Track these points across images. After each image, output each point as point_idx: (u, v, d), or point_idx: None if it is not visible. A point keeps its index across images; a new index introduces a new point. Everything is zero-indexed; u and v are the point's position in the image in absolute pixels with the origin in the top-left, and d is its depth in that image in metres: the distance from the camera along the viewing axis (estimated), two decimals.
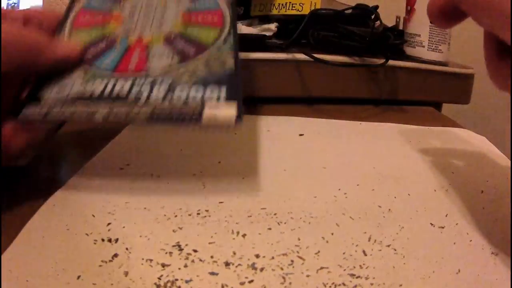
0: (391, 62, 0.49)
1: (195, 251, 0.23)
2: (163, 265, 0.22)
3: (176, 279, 0.21)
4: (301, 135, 0.40)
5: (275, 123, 0.42)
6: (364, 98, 0.52)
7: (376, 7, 0.56)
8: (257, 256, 0.23)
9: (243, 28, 0.60)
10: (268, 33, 0.59)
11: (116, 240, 0.24)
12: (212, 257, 0.23)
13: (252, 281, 0.21)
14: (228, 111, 0.25)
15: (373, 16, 0.55)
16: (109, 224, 0.25)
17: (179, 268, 0.22)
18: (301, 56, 0.49)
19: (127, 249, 0.23)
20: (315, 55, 0.48)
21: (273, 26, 0.60)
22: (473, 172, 0.33)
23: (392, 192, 0.30)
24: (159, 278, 0.21)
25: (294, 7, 0.60)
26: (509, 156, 0.36)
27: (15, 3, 0.83)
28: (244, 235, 0.25)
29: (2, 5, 0.78)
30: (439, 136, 0.40)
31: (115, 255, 0.23)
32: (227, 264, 0.22)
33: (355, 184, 0.30)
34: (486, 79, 0.24)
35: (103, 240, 0.24)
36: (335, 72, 0.50)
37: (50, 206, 0.27)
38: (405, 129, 0.42)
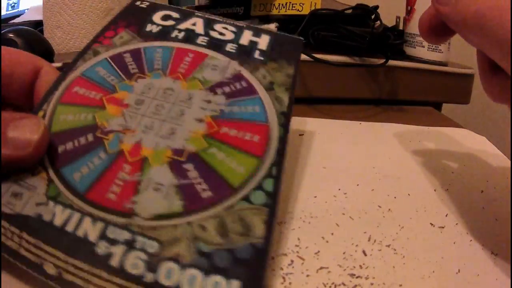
0: (391, 62, 0.49)
1: None
2: None
3: None
4: (301, 135, 0.40)
5: None
6: (364, 98, 0.52)
7: (376, 7, 0.56)
8: None
9: None
10: None
11: None
12: None
13: None
14: None
15: (373, 16, 0.56)
16: None
17: None
18: (301, 56, 0.49)
19: None
20: (315, 55, 0.48)
21: (273, 26, 0.60)
22: (473, 172, 0.33)
23: (392, 192, 0.30)
24: None
25: (294, 7, 0.60)
26: (509, 156, 0.36)
27: (15, 3, 0.82)
28: None
29: (2, 5, 0.78)
30: (439, 136, 0.40)
31: None
32: None
33: (355, 184, 0.30)
34: None
35: None
36: (335, 72, 0.50)
37: None
38: (405, 129, 0.42)
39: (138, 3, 0.32)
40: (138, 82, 0.26)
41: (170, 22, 0.30)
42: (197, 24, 0.31)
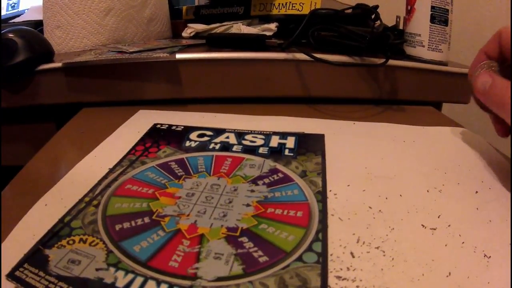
0: (391, 62, 0.49)
1: None
2: None
3: None
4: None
5: (276, 123, 0.42)
6: (364, 98, 0.52)
7: (376, 6, 0.55)
8: None
9: (243, 28, 0.60)
10: (268, 33, 0.59)
11: None
12: None
13: None
14: None
15: (373, 16, 0.55)
16: None
17: None
18: (301, 56, 0.49)
19: None
20: (315, 55, 0.48)
21: (273, 26, 0.60)
22: (468, 172, 0.32)
23: (383, 192, 0.29)
24: None
25: (294, 6, 0.60)
26: (509, 155, 0.35)
27: (15, 3, 0.83)
28: None
29: (2, 5, 0.79)
30: (435, 135, 0.40)
31: None
32: None
33: (346, 185, 0.30)
34: None
35: None
36: (335, 72, 0.50)
37: (41, 205, 0.27)
38: (400, 129, 0.41)
39: (158, 126, 0.40)
40: (186, 181, 0.30)
41: (205, 138, 0.36)
42: (229, 137, 0.37)
